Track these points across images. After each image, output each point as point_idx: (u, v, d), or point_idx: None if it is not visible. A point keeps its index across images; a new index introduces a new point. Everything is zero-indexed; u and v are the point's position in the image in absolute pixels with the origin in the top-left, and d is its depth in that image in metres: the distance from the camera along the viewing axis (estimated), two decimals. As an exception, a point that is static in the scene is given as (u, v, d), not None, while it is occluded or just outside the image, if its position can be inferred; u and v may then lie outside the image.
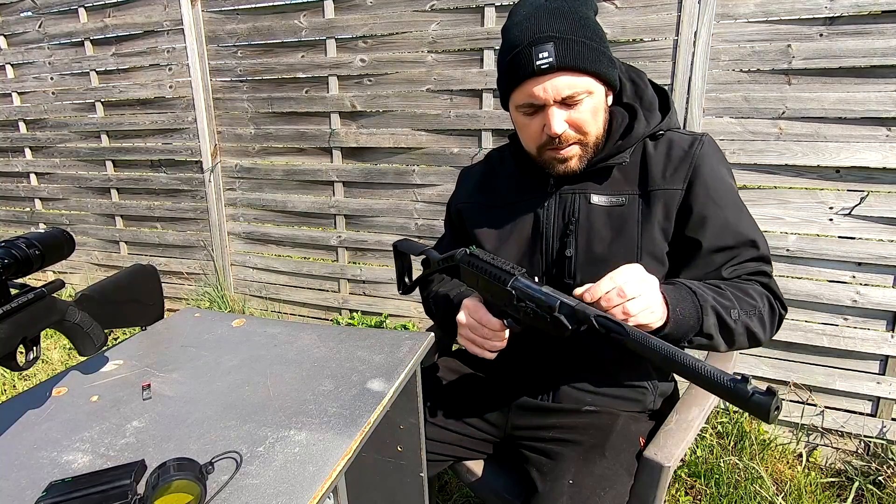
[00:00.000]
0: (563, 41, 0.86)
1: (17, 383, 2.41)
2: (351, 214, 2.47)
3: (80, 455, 0.70)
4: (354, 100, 2.29)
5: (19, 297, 0.72)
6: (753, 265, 0.95)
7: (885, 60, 1.55)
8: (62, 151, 3.02)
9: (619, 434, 0.99)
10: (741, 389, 0.56)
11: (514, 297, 0.81)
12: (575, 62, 0.87)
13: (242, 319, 1.08)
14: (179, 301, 2.97)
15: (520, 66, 0.90)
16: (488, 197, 1.13)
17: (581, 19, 0.89)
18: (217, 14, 2.44)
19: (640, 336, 0.66)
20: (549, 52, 0.86)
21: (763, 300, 0.92)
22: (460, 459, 1.16)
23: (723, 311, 0.86)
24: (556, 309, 0.74)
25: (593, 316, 0.70)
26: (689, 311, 0.84)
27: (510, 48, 0.91)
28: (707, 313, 0.84)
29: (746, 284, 0.92)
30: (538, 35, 0.87)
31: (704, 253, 0.94)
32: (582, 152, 0.95)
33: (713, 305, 0.85)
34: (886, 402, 1.74)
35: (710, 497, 1.63)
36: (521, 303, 0.80)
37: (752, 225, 0.96)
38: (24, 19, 2.84)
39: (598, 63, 0.90)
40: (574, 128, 0.93)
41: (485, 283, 0.88)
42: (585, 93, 0.90)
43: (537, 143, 0.97)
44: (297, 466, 0.66)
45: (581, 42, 0.87)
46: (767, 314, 0.92)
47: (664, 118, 1.00)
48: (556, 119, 0.91)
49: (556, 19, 0.88)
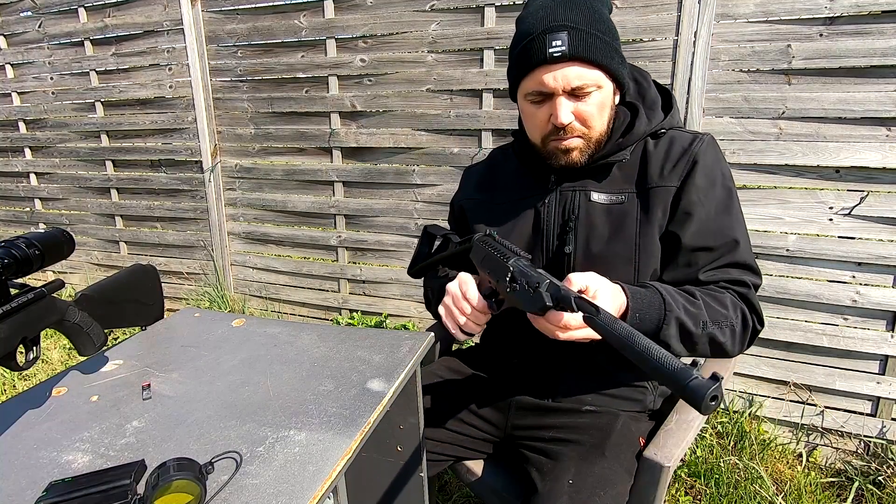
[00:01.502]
0: (578, 31, 0.87)
1: (17, 383, 2.41)
2: (351, 214, 2.47)
3: (80, 455, 0.70)
4: (354, 100, 2.29)
5: (19, 297, 0.72)
6: (735, 272, 0.94)
7: (885, 60, 1.55)
8: (62, 151, 3.02)
9: (619, 434, 0.99)
10: (683, 373, 0.53)
11: (511, 272, 0.82)
12: (587, 53, 0.87)
13: (242, 319, 1.08)
14: (179, 301, 2.97)
15: (532, 53, 0.89)
16: (490, 194, 1.13)
17: (596, 13, 0.89)
18: (217, 14, 2.45)
19: (609, 318, 0.66)
20: (562, 41, 0.86)
21: (737, 312, 0.91)
22: (460, 459, 1.16)
23: (688, 320, 0.86)
24: (543, 286, 0.75)
25: (573, 297, 0.71)
26: (649, 318, 0.84)
27: (523, 36, 0.91)
28: (668, 323, 0.85)
29: (723, 293, 0.91)
30: (553, 23, 0.87)
31: (684, 250, 0.94)
32: (584, 146, 0.95)
33: (678, 317, 0.85)
34: (886, 402, 1.73)
35: (710, 497, 1.63)
36: (514, 281, 0.81)
37: (738, 230, 0.95)
38: (24, 19, 2.84)
39: (610, 58, 0.90)
40: (580, 120, 0.93)
41: (489, 259, 0.89)
42: (595, 86, 0.90)
43: (542, 133, 0.96)
44: (297, 466, 0.66)
45: (595, 35, 0.88)
46: (740, 327, 0.91)
47: (666, 117, 1.00)
48: (563, 109, 0.91)
49: (572, 10, 0.88)
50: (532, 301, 0.77)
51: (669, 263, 0.96)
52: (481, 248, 0.93)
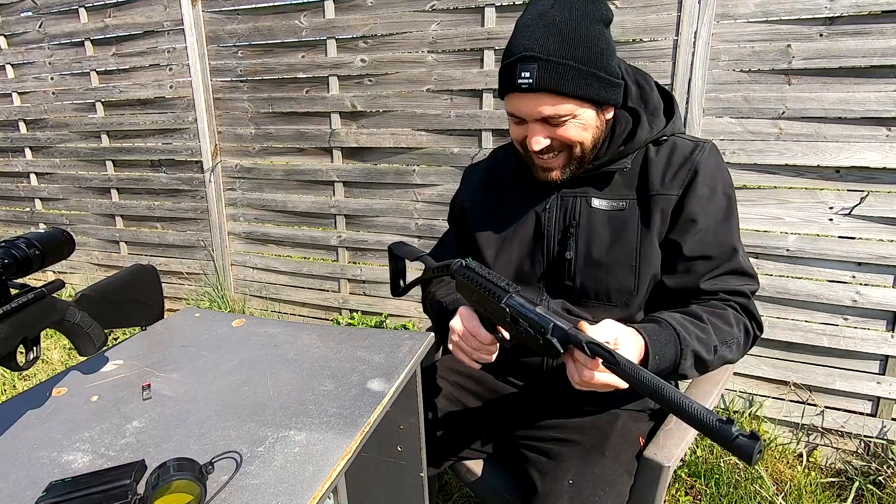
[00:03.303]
0: (548, 63, 0.85)
1: (17, 383, 2.41)
2: (351, 214, 2.47)
3: (80, 455, 0.70)
4: (355, 100, 2.29)
5: (19, 297, 0.72)
6: (734, 281, 0.95)
7: (885, 60, 1.55)
8: (62, 151, 3.02)
9: (619, 434, 0.99)
10: (725, 431, 0.57)
11: (508, 314, 0.80)
12: (556, 86, 0.86)
13: (242, 319, 1.08)
14: (179, 301, 2.97)
15: (505, 80, 0.91)
16: (492, 196, 1.13)
17: (578, 38, 0.86)
18: (217, 14, 2.45)
19: (630, 366, 0.66)
20: (530, 73, 0.86)
21: (740, 327, 0.93)
22: (460, 459, 1.16)
23: (702, 349, 0.87)
24: (549, 331, 0.74)
25: (585, 342, 0.71)
26: (668, 356, 0.85)
27: (504, 57, 0.92)
28: (685, 358, 0.86)
29: (726, 310, 0.93)
30: (524, 52, 0.87)
31: (684, 258, 0.95)
32: (567, 161, 0.96)
33: (694, 349, 0.86)
34: (886, 402, 1.73)
35: (710, 497, 1.63)
36: (514, 320, 0.80)
37: (736, 238, 0.96)
38: (24, 19, 2.84)
39: (586, 87, 0.88)
40: (557, 144, 0.94)
41: (479, 297, 0.87)
42: (569, 115, 0.90)
43: (524, 150, 0.99)
44: (297, 466, 0.66)
45: (567, 65, 0.85)
46: (742, 340, 0.93)
47: (668, 123, 1.00)
48: (535, 136, 0.92)
49: (551, 35, 0.86)
50: (544, 349, 0.76)
51: (669, 270, 0.97)
52: (465, 285, 0.90)
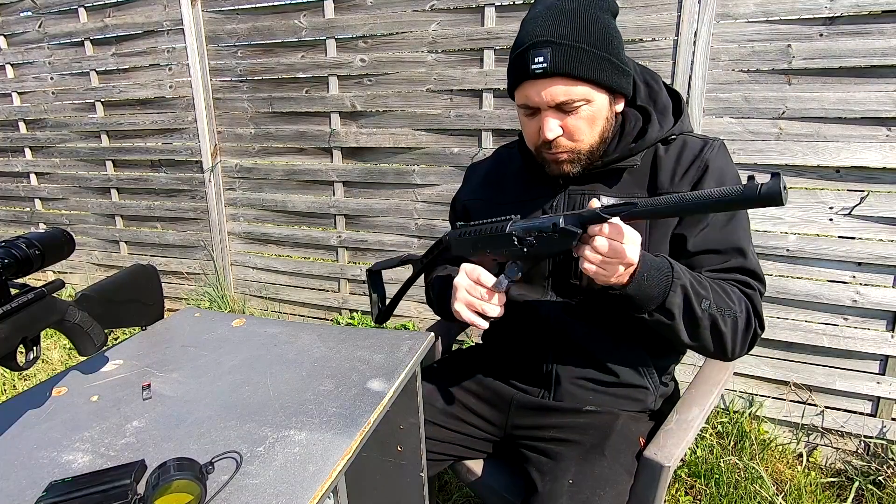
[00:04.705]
0: (561, 47, 0.86)
1: (17, 383, 2.41)
2: (351, 214, 2.47)
3: (80, 455, 0.70)
4: (354, 100, 2.29)
5: (19, 297, 0.72)
6: (741, 276, 0.94)
7: (885, 60, 1.55)
8: (62, 151, 3.02)
9: (619, 434, 0.99)
10: (750, 190, 0.62)
11: (516, 237, 0.81)
12: (571, 69, 0.86)
13: (242, 319, 1.08)
14: (179, 301, 2.97)
15: (518, 68, 0.91)
16: (496, 194, 1.13)
17: (590, 23, 0.87)
18: (217, 14, 2.44)
19: (646, 202, 0.68)
20: (544, 58, 0.86)
21: (742, 307, 0.90)
22: (460, 459, 1.16)
23: (693, 295, 0.84)
24: (560, 222, 0.75)
25: (598, 210, 0.72)
26: (657, 281, 0.83)
27: (515, 46, 0.92)
28: (675, 290, 0.83)
29: (730, 287, 0.91)
30: (537, 38, 0.87)
31: (689, 252, 0.94)
32: (574, 159, 0.96)
33: (684, 285, 0.84)
34: (886, 402, 1.73)
35: (710, 497, 1.63)
36: (523, 241, 0.80)
37: (744, 237, 0.95)
38: (24, 19, 2.84)
39: (599, 71, 0.88)
40: (567, 134, 0.93)
41: (482, 242, 0.87)
42: (583, 100, 0.90)
43: (535, 143, 0.98)
44: (297, 466, 0.66)
45: (581, 49, 0.86)
46: (743, 324, 0.90)
47: (677, 122, 1.00)
48: (548, 125, 0.92)
49: (563, 22, 0.87)
50: (562, 241, 0.76)
51: None
52: (464, 240, 0.91)
